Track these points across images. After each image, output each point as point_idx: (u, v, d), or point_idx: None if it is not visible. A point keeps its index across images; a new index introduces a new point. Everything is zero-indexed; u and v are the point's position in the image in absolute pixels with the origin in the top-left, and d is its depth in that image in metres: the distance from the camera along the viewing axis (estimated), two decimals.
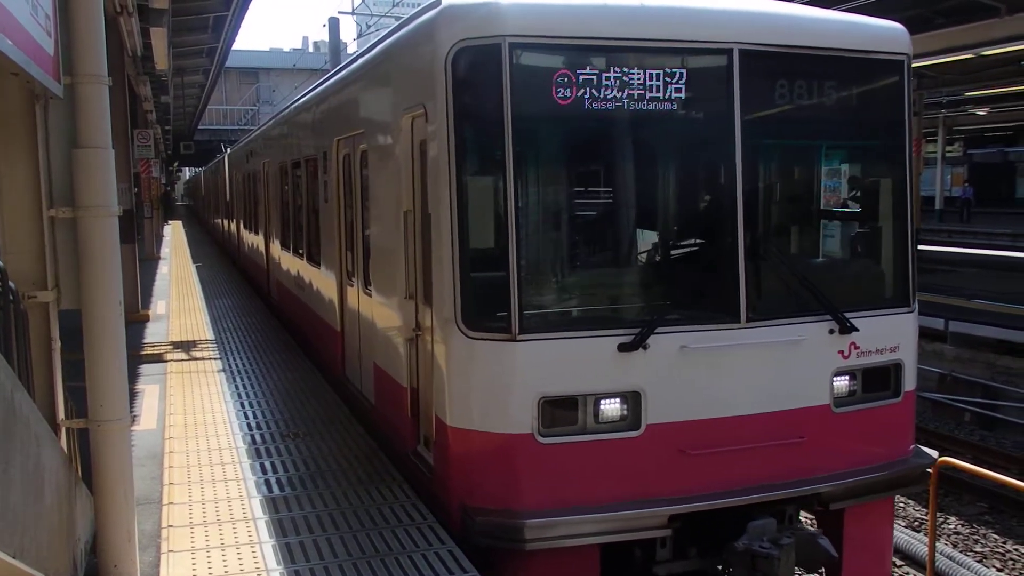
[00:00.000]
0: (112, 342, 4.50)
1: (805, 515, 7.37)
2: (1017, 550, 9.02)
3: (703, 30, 5.42)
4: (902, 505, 10.07)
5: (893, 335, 5.99)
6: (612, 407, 5.28)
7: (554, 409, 5.20)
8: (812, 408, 5.70)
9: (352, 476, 6.37)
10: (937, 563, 7.52)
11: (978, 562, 8.41)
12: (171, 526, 5.49)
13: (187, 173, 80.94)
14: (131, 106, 17.20)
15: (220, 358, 10.67)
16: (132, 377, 8.32)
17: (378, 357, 7.20)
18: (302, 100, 11.59)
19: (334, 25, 31.88)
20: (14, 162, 4.29)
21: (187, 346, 11.60)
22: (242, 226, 20.64)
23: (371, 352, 7.48)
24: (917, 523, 9.74)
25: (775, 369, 5.58)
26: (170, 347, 11.55)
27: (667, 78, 5.27)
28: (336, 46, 32.40)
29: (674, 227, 6.16)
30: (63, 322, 4.62)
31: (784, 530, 5.49)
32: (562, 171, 5.90)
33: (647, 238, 6.00)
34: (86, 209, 4.40)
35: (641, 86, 5.23)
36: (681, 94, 5.32)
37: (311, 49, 73.27)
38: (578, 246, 5.91)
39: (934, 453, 6.33)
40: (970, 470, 6.93)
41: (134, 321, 12.74)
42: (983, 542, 9.23)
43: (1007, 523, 9.70)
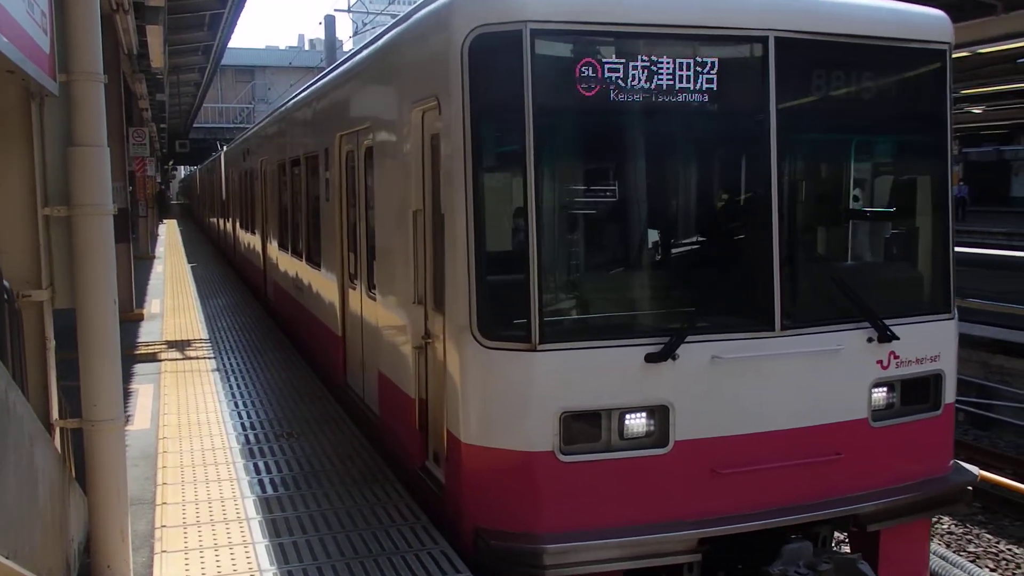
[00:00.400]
0: (106, 341, 4.49)
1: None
2: (1011, 550, 9.04)
3: (737, 16, 5.03)
4: None
5: (933, 344, 5.63)
6: (638, 422, 4.92)
7: (576, 424, 4.85)
8: (849, 422, 5.34)
9: (346, 476, 6.36)
10: (931, 563, 7.53)
11: (971, 562, 8.42)
12: (164, 526, 5.48)
13: (182, 171, 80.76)
14: (127, 104, 17.19)
15: (214, 357, 10.65)
16: (126, 376, 8.29)
17: (383, 365, 6.83)
18: (302, 94, 11.17)
19: (330, 23, 31.79)
20: (9, 160, 4.27)
21: (181, 345, 11.57)
22: (238, 225, 20.04)
23: (375, 359, 7.12)
24: None
25: (811, 380, 5.22)
26: (164, 346, 11.52)
27: (698, 67, 4.90)
28: (332, 43, 32.31)
29: (703, 228, 5.76)
30: (57, 321, 4.60)
31: (821, 553, 5.21)
32: (586, 168, 5.53)
33: (674, 240, 5.71)
34: (81, 208, 4.38)
35: (671, 76, 4.85)
36: (713, 84, 4.93)
37: (307, 47, 73.35)
38: (601, 249, 5.56)
39: (975, 469, 5.95)
40: None
41: (128, 320, 12.70)
42: (976, 542, 9.24)
43: (1000, 523, 9.70)
